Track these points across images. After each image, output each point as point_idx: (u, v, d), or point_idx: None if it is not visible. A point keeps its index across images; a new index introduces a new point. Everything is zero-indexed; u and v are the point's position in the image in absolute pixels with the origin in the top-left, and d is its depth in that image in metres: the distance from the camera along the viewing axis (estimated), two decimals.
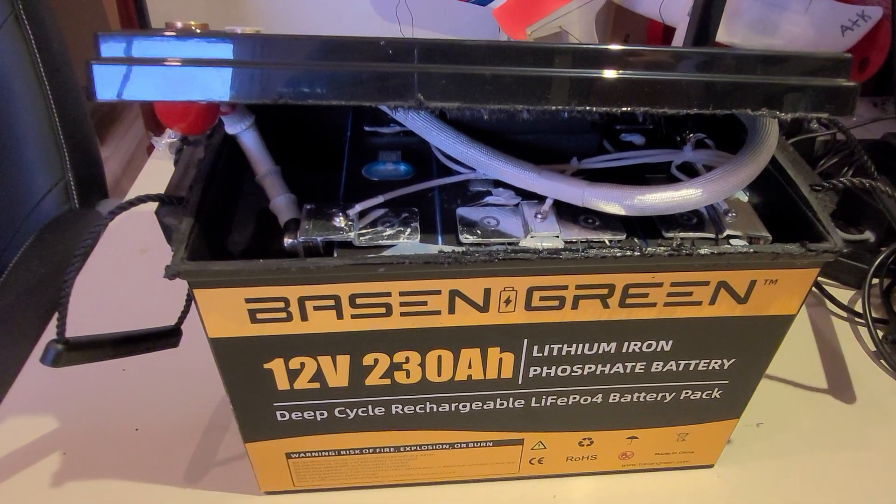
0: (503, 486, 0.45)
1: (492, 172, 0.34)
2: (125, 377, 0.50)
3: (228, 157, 0.38)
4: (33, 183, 0.69)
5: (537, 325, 0.35)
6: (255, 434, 0.39)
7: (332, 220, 0.32)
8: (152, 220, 0.33)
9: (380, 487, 0.44)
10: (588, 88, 0.27)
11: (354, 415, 0.38)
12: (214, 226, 0.34)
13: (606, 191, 0.32)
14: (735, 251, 0.32)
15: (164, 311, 0.40)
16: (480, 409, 0.39)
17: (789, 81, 0.28)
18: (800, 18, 0.73)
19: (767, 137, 0.34)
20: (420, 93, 0.27)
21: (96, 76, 0.26)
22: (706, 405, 0.41)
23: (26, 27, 0.65)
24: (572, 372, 0.38)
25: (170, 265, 0.29)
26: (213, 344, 0.33)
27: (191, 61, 0.27)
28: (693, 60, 0.28)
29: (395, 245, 0.32)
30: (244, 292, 0.31)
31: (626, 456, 0.44)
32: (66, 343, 0.33)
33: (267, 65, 0.27)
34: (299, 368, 0.35)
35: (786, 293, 0.35)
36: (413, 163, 0.38)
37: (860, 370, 0.54)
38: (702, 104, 0.28)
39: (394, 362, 0.36)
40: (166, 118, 0.31)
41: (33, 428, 0.47)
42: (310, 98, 0.27)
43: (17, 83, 0.66)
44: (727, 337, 0.37)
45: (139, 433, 0.47)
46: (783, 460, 0.47)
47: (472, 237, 0.32)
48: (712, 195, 0.32)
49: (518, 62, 0.27)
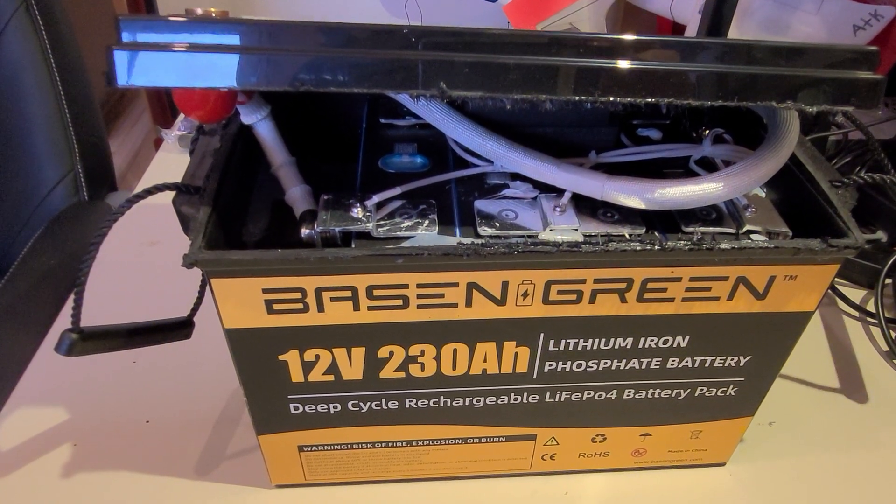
0: (515, 482, 0.44)
1: (510, 165, 0.34)
2: (136, 369, 0.50)
3: (244, 148, 0.37)
4: (42, 175, 0.68)
5: (554, 320, 0.34)
6: (267, 426, 0.39)
7: (350, 211, 0.32)
8: (162, 212, 0.33)
9: (391, 482, 0.44)
10: (613, 79, 0.27)
11: (368, 408, 0.38)
12: (230, 216, 0.34)
13: (626, 184, 0.32)
14: (756, 246, 0.32)
15: (174, 302, 0.39)
16: (494, 403, 0.39)
17: (815, 74, 0.28)
18: (812, 18, 0.73)
19: (788, 132, 0.34)
20: (443, 81, 0.27)
21: (117, 62, 0.26)
22: (721, 402, 0.41)
23: (37, 17, 0.65)
24: (587, 367, 0.37)
25: (188, 254, 0.29)
26: (229, 335, 0.33)
27: (212, 47, 0.26)
28: (720, 51, 0.28)
29: (413, 237, 0.32)
30: (261, 282, 0.31)
31: (639, 453, 0.44)
32: (81, 332, 0.33)
33: (288, 52, 0.27)
34: (314, 360, 0.35)
35: (805, 289, 0.34)
36: (429, 155, 0.38)
37: (872, 370, 0.53)
38: (727, 96, 0.28)
39: (409, 355, 0.35)
40: (185, 105, 0.30)
41: (44, 419, 0.47)
42: (331, 86, 0.27)
43: (28, 74, 0.66)
44: (744, 333, 0.36)
45: (150, 425, 0.47)
46: (795, 459, 0.47)
47: (491, 230, 0.32)
48: (733, 190, 0.32)
49: (542, 51, 0.27)
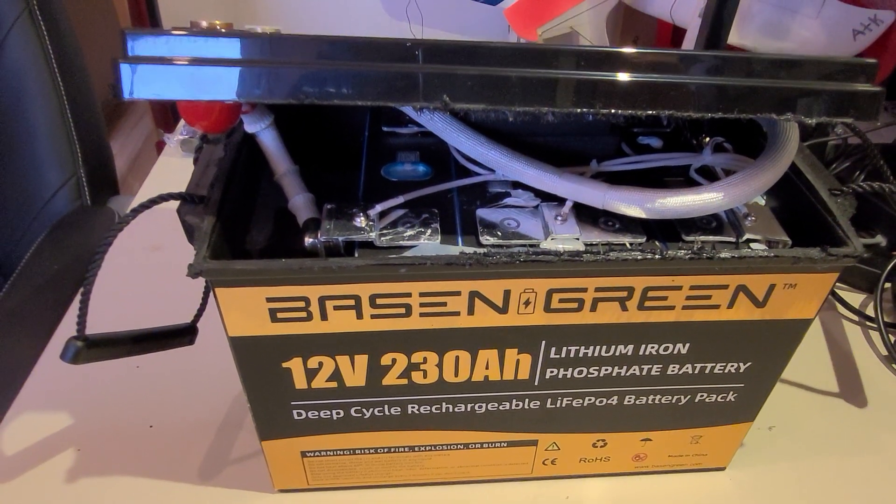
0: (516, 487, 0.45)
1: (512, 174, 0.34)
2: (139, 374, 0.50)
3: (247, 156, 0.38)
4: (45, 179, 0.69)
5: (555, 327, 0.35)
6: (271, 432, 0.39)
7: (353, 220, 0.32)
8: (165, 218, 0.33)
9: (394, 487, 0.44)
10: (614, 91, 0.27)
11: (370, 414, 0.38)
12: (234, 225, 0.34)
13: (628, 194, 0.32)
14: (756, 255, 0.32)
15: (177, 308, 0.40)
16: (496, 409, 0.39)
17: (814, 86, 0.28)
18: (811, 22, 0.73)
19: (788, 142, 0.34)
20: (446, 94, 0.27)
21: (123, 75, 0.26)
22: (721, 408, 0.41)
23: (40, 23, 0.65)
24: (588, 374, 0.38)
25: (192, 264, 0.29)
26: (233, 343, 0.33)
27: (217, 61, 0.27)
28: (720, 64, 0.28)
29: (415, 246, 0.32)
30: (266, 291, 0.31)
31: (640, 458, 0.44)
32: (86, 340, 0.33)
33: (293, 65, 0.27)
34: (317, 368, 0.35)
35: (804, 297, 0.35)
36: (431, 163, 0.38)
37: (872, 374, 0.54)
38: (727, 107, 0.28)
39: (411, 362, 0.36)
40: (189, 116, 0.31)
41: (47, 424, 0.47)
42: (335, 98, 0.27)
43: (31, 79, 0.66)
44: (744, 341, 0.37)
45: (153, 430, 0.47)
46: (795, 464, 0.47)
47: (493, 238, 0.32)
48: (734, 199, 0.32)
49: (544, 64, 0.27)
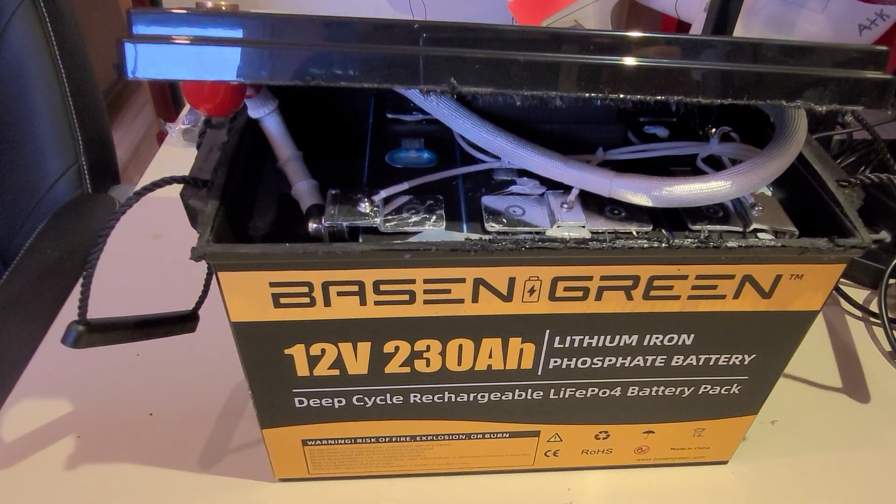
0: (518, 478, 0.44)
1: (518, 161, 0.34)
2: (140, 361, 0.50)
3: (251, 142, 0.37)
4: (46, 166, 0.68)
5: (560, 316, 0.35)
6: (272, 420, 0.39)
7: (358, 206, 0.32)
8: (166, 205, 0.33)
9: (394, 477, 0.44)
10: (623, 76, 0.27)
11: (372, 403, 0.38)
12: (237, 210, 0.34)
13: (634, 182, 0.32)
14: (763, 245, 0.32)
15: (178, 297, 0.40)
16: (499, 399, 0.39)
17: (824, 73, 0.28)
18: (817, 17, 0.73)
19: (796, 131, 0.34)
20: (453, 77, 0.27)
21: (128, 54, 0.26)
22: (724, 401, 0.41)
23: (42, 9, 0.65)
24: (592, 364, 0.37)
25: (195, 247, 0.29)
26: (235, 328, 0.33)
27: (222, 41, 0.26)
28: (730, 49, 0.28)
29: (420, 232, 0.32)
30: (269, 276, 0.31)
31: (642, 450, 0.44)
32: (88, 324, 0.33)
33: (299, 46, 0.27)
34: (320, 355, 0.35)
35: (811, 288, 0.34)
36: (436, 150, 0.38)
37: (875, 370, 0.53)
38: (736, 94, 0.28)
39: (414, 350, 0.35)
40: (194, 98, 0.30)
41: (48, 411, 0.47)
42: (342, 80, 0.27)
43: (32, 66, 0.66)
44: (749, 332, 0.37)
45: (153, 418, 0.47)
46: (797, 458, 0.47)
47: (498, 226, 0.32)
48: (741, 188, 0.32)
49: (552, 48, 0.27)
